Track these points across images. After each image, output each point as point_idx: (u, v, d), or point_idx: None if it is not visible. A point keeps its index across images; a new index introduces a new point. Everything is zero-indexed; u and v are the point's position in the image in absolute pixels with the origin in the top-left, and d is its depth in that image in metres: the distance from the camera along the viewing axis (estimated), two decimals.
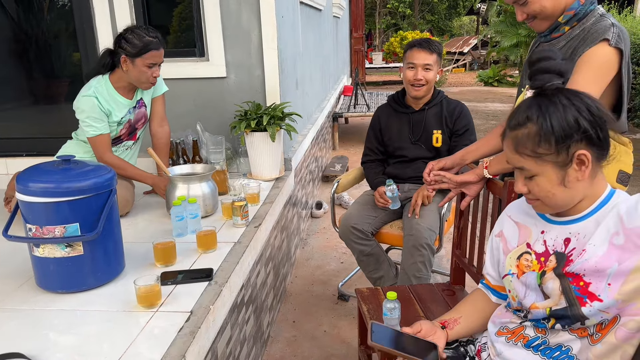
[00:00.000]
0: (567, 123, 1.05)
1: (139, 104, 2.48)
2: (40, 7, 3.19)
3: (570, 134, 1.05)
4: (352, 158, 5.84)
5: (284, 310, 2.75)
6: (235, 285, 1.82)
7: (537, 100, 1.10)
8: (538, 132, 1.07)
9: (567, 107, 1.06)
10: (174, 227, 2.07)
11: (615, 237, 1.05)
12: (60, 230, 1.58)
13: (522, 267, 1.20)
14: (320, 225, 3.96)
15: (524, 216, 1.26)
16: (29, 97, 3.40)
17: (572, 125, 1.05)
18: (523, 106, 1.11)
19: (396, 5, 24.68)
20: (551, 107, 1.07)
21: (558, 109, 1.06)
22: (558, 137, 1.05)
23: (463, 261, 1.96)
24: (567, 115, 1.06)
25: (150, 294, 1.54)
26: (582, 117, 1.05)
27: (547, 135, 1.06)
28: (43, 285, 1.68)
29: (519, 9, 1.59)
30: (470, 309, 1.37)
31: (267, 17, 2.86)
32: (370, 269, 2.54)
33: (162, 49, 2.33)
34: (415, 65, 2.48)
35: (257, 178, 2.83)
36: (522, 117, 1.09)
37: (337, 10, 7.31)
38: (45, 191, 1.56)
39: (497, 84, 12.91)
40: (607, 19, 1.50)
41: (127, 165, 2.42)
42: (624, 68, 1.46)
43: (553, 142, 1.06)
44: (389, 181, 2.46)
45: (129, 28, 2.32)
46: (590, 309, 1.06)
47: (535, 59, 1.14)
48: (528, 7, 1.56)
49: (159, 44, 2.30)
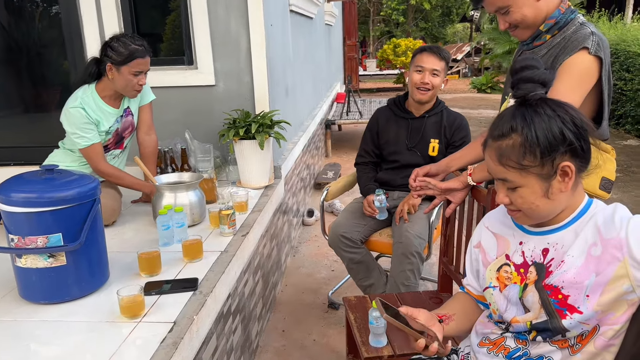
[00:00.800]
0: (553, 135, 1.04)
1: (125, 113, 2.47)
2: (31, 15, 3.19)
3: (555, 146, 1.04)
4: (344, 165, 5.85)
5: (274, 320, 2.73)
6: (220, 294, 1.81)
7: (521, 110, 1.08)
8: (523, 144, 1.05)
9: (552, 118, 1.05)
10: (160, 236, 2.05)
11: (593, 248, 1.05)
12: (42, 240, 1.57)
13: (502, 279, 1.19)
14: (312, 233, 3.95)
15: (502, 227, 1.25)
16: (18, 105, 3.39)
17: (558, 137, 1.04)
18: (506, 116, 1.10)
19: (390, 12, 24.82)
20: (536, 118, 1.05)
21: (543, 120, 1.05)
22: (543, 149, 1.04)
23: (450, 268, 1.96)
24: (552, 126, 1.04)
25: (133, 304, 1.52)
26: (567, 129, 1.04)
27: (532, 146, 1.04)
28: (26, 296, 1.66)
29: (501, 18, 1.60)
30: (461, 309, 1.35)
31: (255, 25, 2.86)
32: (360, 276, 2.54)
33: (148, 57, 2.32)
34: (423, 68, 2.47)
35: (246, 186, 2.82)
36: (506, 128, 1.07)
37: (329, 18, 7.34)
38: (27, 201, 1.54)
39: (490, 90, 12.98)
40: (586, 27, 1.51)
41: (124, 174, 2.41)
42: (604, 76, 1.47)
43: (538, 154, 1.04)
44: (378, 191, 2.46)
45: (114, 36, 2.31)
46: (571, 321, 1.06)
47: (518, 68, 1.13)
48: (510, 16, 1.57)
49: (144, 51, 2.29)
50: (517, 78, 1.12)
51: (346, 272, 3.14)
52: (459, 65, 17.68)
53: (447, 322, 1.30)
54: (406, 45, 13.05)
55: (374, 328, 1.67)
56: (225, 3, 2.87)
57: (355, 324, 1.82)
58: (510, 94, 1.68)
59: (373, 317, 1.66)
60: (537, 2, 1.54)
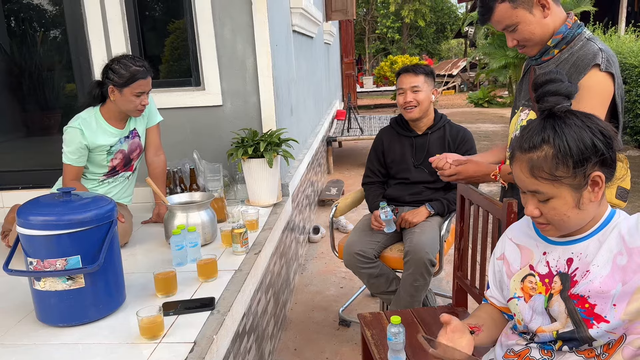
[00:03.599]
0: (584, 145, 1.05)
1: (132, 134, 2.49)
2: (34, 40, 3.23)
3: (588, 156, 1.05)
4: (347, 181, 5.86)
5: (285, 338, 2.72)
6: (237, 313, 1.81)
7: (550, 122, 1.09)
8: (555, 155, 1.05)
9: (582, 129, 1.06)
10: (173, 256, 2.06)
11: (618, 257, 1.06)
12: (61, 263, 1.57)
13: (527, 289, 1.20)
14: (318, 250, 3.94)
15: (525, 238, 1.26)
16: (23, 129, 3.41)
17: (589, 147, 1.05)
18: (534, 128, 1.10)
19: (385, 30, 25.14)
20: (566, 129, 1.06)
21: (574, 131, 1.06)
22: (576, 159, 1.05)
23: (465, 283, 1.96)
24: (584, 137, 1.05)
25: (153, 325, 1.52)
26: (597, 139, 1.05)
27: (565, 157, 1.05)
28: (44, 319, 1.66)
29: (509, 35, 1.63)
30: (489, 318, 1.35)
31: (261, 45, 2.90)
32: (382, 288, 2.52)
33: (149, 77, 2.34)
34: (404, 89, 2.54)
35: (255, 204, 2.83)
36: (537, 140, 1.07)
37: (328, 37, 7.43)
38: (46, 224, 1.55)
39: (487, 104, 13.07)
40: (594, 43, 1.54)
41: None
42: (617, 90, 1.50)
43: (571, 164, 1.05)
44: (382, 204, 2.47)
45: (115, 58, 2.33)
46: (598, 331, 1.07)
47: (542, 81, 1.14)
48: (518, 34, 1.60)
49: (145, 72, 2.31)
50: (542, 91, 1.13)
51: (356, 288, 3.15)
52: (455, 80, 17.84)
53: (477, 333, 1.30)
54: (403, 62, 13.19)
55: (393, 344, 1.67)
56: (231, 25, 2.91)
57: (372, 341, 1.81)
58: (520, 108, 1.71)
59: (392, 333, 1.66)
60: (544, 19, 1.57)
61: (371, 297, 3.09)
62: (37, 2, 3.15)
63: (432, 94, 2.58)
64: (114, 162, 2.46)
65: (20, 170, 3.27)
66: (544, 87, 1.13)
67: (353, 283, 3.27)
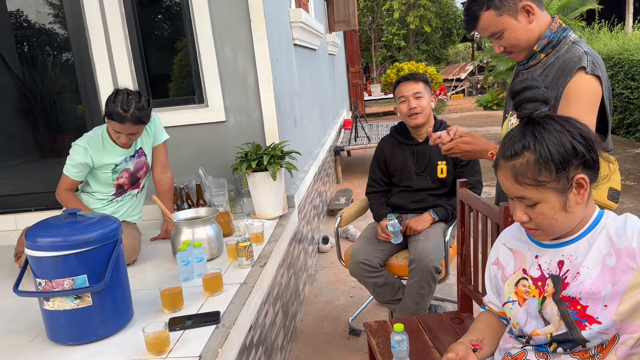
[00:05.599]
0: (565, 149, 1.06)
1: (138, 154, 2.54)
2: (44, 64, 3.31)
3: (569, 160, 1.06)
4: (356, 190, 5.88)
5: (296, 350, 2.73)
6: (243, 326, 1.83)
7: (530, 128, 1.11)
8: (537, 160, 1.07)
9: (561, 133, 1.08)
10: (180, 272, 2.09)
11: (607, 258, 1.07)
12: (68, 282, 1.61)
13: (520, 293, 1.21)
14: (328, 260, 3.96)
15: (517, 242, 1.27)
16: (35, 152, 3.49)
17: (570, 151, 1.06)
18: (515, 136, 1.12)
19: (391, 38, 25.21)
20: (546, 134, 1.08)
21: (553, 136, 1.08)
22: (558, 163, 1.06)
23: (469, 288, 1.97)
24: (563, 141, 1.07)
25: (158, 340, 1.55)
26: (577, 142, 1.07)
27: (546, 162, 1.06)
28: (54, 339, 1.70)
29: (496, 42, 1.64)
30: (487, 330, 1.36)
31: (261, 61, 2.95)
32: (388, 297, 2.53)
33: (128, 124, 2.30)
34: (406, 97, 2.56)
35: (261, 217, 2.86)
36: (518, 147, 1.10)
37: (332, 48, 7.49)
38: (53, 245, 1.60)
39: (496, 107, 13.03)
40: (579, 46, 1.55)
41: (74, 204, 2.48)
42: (605, 92, 1.51)
43: (553, 168, 1.06)
44: (390, 216, 2.49)
45: (123, 90, 2.35)
46: (590, 332, 1.07)
47: (519, 89, 1.16)
48: (504, 41, 1.62)
49: (124, 119, 2.28)
50: (520, 99, 1.16)
51: (365, 297, 3.15)
52: (463, 84, 17.80)
53: (480, 350, 1.31)
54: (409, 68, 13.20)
55: (397, 352, 1.68)
56: (231, 42, 2.97)
57: (378, 349, 1.82)
58: (510, 112, 1.73)
59: (395, 341, 1.67)
60: (529, 25, 1.59)
61: (380, 306, 3.09)
62: (48, 27, 3.24)
63: (431, 101, 2.61)
64: (119, 181, 2.51)
65: (32, 193, 3.34)
66: (521, 95, 1.15)
67: (363, 292, 3.28)
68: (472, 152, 1.72)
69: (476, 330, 1.36)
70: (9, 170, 3.41)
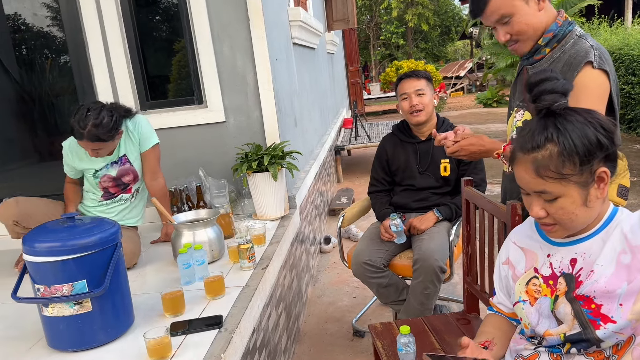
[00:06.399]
0: (589, 141, 1.03)
1: (122, 161, 2.49)
2: (42, 67, 3.28)
3: (593, 152, 1.03)
4: (357, 189, 5.84)
5: (299, 352, 2.70)
6: (246, 330, 1.80)
7: (551, 120, 1.07)
8: (561, 152, 1.03)
9: (585, 125, 1.04)
10: (181, 275, 2.06)
11: (622, 255, 1.04)
12: (68, 288, 1.58)
13: (531, 292, 1.18)
14: (330, 261, 3.93)
15: (529, 240, 1.24)
16: (34, 155, 3.46)
17: (594, 143, 1.03)
18: (534, 128, 1.08)
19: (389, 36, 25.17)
20: (569, 126, 1.04)
21: (577, 127, 1.04)
22: (582, 156, 1.03)
23: (475, 288, 1.93)
24: (588, 133, 1.04)
25: (160, 346, 1.52)
26: (600, 134, 1.04)
27: (571, 154, 1.03)
28: (54, 345, 1.67)
29: (502, 29, 1.57)
30: (497, 331, 1.32)
31: (260, 60, 2.92)
32: (392, 298, 2.49)
33: (85, 141, 2.27)
34: (408, 94, 2.52)
35: (263, 218, 2.83)
36: (540, 139, 1.05)
37: (331, 47, 7.45)
38: (51, 250, 1.56)
39: (496, 104, 12.99)
40: (585, 40, 1.51)
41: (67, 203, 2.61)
42: (613, 87, 1.48)
43: (577, 161, 1.03)
44: (392, 215, 2.46)
45: (84, 106, 2.30)
46: (605, 332, 1.04)
47: (537, 81, 1.12)
48: (512, 26, 1.55)
49: (81, 135, 2.25)
50: (539, 90, 1.11)
51: (368, 298, 3.12)
52: (463, 81, 17.77)
53: (491, 347, 1.27)
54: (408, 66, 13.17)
55: (403, 355, 1.65)
56: (230, 42, 2.94)
57: (384, 352, 1.79)
58: (515, 109, 1.69)
59: (401, 344, 1.64)
60: (538, 13, 1.54)
61: (384, 307, 3.06)
62: (46, 30, 3.20)
63: (433, 98, 2.57)
64: (103, 185, 2.49)
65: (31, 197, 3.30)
66: (540, 86, 1.10)
67: (366, 292, 3.24)
68: (478, 152, 1.69)
69: (485, 334, 1.32)
70: (7, 174, 3.38)
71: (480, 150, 1.68)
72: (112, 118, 2.29)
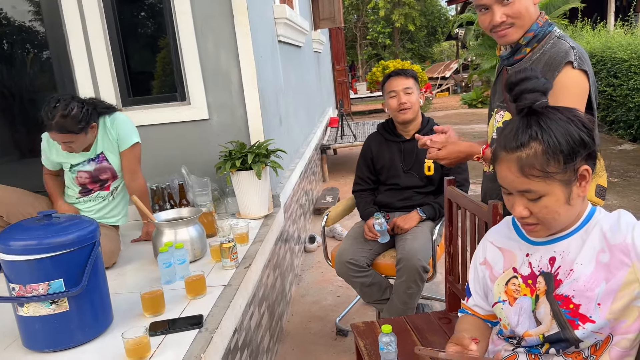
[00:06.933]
0: (573, 139, 1.04)
1: (99, 159, 2.45)
2: (22, 62, 3.22)
3: (577, 150, 1.03)
4: (342, 189, 5.84)
5: (282, 351, 2.69)
6: (227, 330, 1.78)
7: (534, 118, 1.07)
8: (545, 150, 1.03)
9: (567, 123, 1.05)
10: (161, 274, 2.03)
11: (601, 254, 1.05)
12: (44, 287, 1.55)
13: (510, 292, 1.18)
14: (315, 260, 3.92)
15: (507, 240, 1.24)
16: (14, 152, 3.39)
17: (577, 141, 1.04)
18: (517, 127, 1.08)
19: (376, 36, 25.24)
20: (552, 124, 1.04)
21: (560, 125, 1.04)
22: (566, 153, 1.03)
23: (457, 287, 1.94)
24: (571, 131, 1.04)
25: (139, 346, 1.50)
26: (583, 132, 1.04)
27: (555, 152, 1.03)
28: (29, 346, 1.63)
29: (501, 8, 1.53)
30: (476, 331, 1.31)
31: (245, 57, 2.90)
32: (375, 297, 2.49)
33: (53, 132, 2.24)
34: (396, 92, 2.52)
35: (246, 217, 2.81)
36: (524, 137, 1.05)
37: (318, 46, 7.44)
38: (27, 248, 1.53)
39: (480, 105, 13.08)
40: (565, 41, 1.52)
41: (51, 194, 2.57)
42: (592, 86, 1.49)
43: (562, 159, 1.03)
44: (377, 214, 2.45)
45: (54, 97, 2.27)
46: (584, 331, 1.05)
47: (517, 80, 1.11)
48: (512, 7, 1.52)
49: (48, 127, 2.22)
50: (520, 89, 1.10)
51: (352, 297, 3.12)
52: (448, 82, 17.87)
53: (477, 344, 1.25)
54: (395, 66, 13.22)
55: (385, 354, 1.64)
56: (213, 38, 2.91)
57: (366, 351, 1.79)
58: (495, 110, 1.69)
59: (383, 343, 1.64)
60: (534, 4, 1.55)
61: (368, 306, 3.05)
62: (27, 24, 3.14)
63: (419, 98, 2.57)
64: (80, 180, 2.46)
65: None
66: (521, 85, 1.10)
67: (350, 292, 3.24)
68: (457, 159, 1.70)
69: (466, 331, 1.31)
70: None
71: (459, 157, 1.69)
72: (82, 110, 2.24)
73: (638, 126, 6.85)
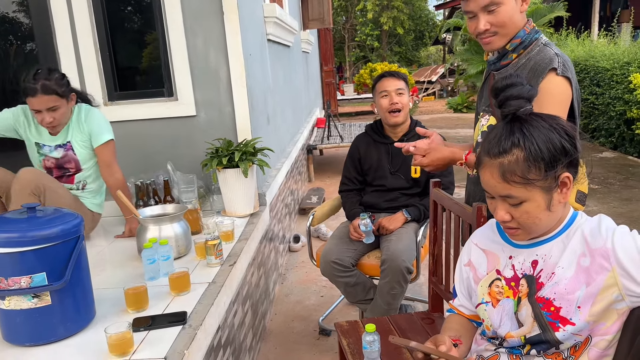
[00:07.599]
0: (554, 147, 1.05)
1: (65, 147, 2.45)
2: (6, 53, 3.17)
3: (558, 158, 1.05)
4: (328, 189, 5.85)
5: (265, 350, 2.69)
6: (210, 327, 1.78)
7: (517, 125, 1.08)
8: (527, 158, 1.05)
9: (550, 131, 1.06)
10: (145, 270, 2.02)
11: (582, 258, 1.07)
12: (26, 280, 1.53)
13: (494, 294, 1.20)
14: (299, 259, 3.92)
15: (490, 243, 1.26)
16: None
17: (559, 149, 1.05)
18: (501, 133, 1.09)
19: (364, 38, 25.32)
20: (535, 132, 1.06)
21: (542, 133, 1.06)
22: (548, 161, 1.05)
23: (440, 288, 1.96)
24: (552, 138, 1.06)
25: (122, 341, 1.49)
26: (564, 140, 1.06)
27: (536, 160, 1.05)
28: (10, 339, 1.61)
29: (485, 17, 1.55)
30: (461, 329, 1.33)
31: (234, 55, 2.89)
32: (359, 297, 2.51)
33: (40, 95, 2.23)
34: (388, 92, 2.54)
35: (232, 215, 2.81)
36: (507, 144, 1.07)
37: (306, 46, 7.44)
38: (9, 241, 1.51)
39: (466, 110, 13.21)
40: (550, 48, 1.54)
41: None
42: (575, 94, 1.51)
43: (543, 166, 1.05)
44: (362, 215, 2.47)
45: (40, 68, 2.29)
46: (564, 333, 1.07)
47: (503, 86, 1.13)
48: (496, 16, 1.54)
49: (35, 90, 2.22)
50: (504, 96, 1.12)
51: (336, 297, 3.13)
52: (434, 86, 18.00)
53: (459, 345, 1.27)
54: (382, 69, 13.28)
55: (368, 353, 1.66)
56: (203, 35, 2.90)
57: (349, 350, 1.80)
58: (481, 114, 1.72)
59: (366, 342, 1.65)
60: (519, 12, 1.56)
61: (351, 306, 3.07)
62: (11, 15, 3.09)
63: (409, 101, 2.60)
64: (46, 164, 2.46)
65: None
66: (506, 92, 1.11)
67: (333, 291, 3.25)
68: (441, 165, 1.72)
69: (450, 330, 1.33)
70: None
71: (443, 163, 1.71)
72: (64, 77, 2.32)
73: (619, 134, 6.98)
